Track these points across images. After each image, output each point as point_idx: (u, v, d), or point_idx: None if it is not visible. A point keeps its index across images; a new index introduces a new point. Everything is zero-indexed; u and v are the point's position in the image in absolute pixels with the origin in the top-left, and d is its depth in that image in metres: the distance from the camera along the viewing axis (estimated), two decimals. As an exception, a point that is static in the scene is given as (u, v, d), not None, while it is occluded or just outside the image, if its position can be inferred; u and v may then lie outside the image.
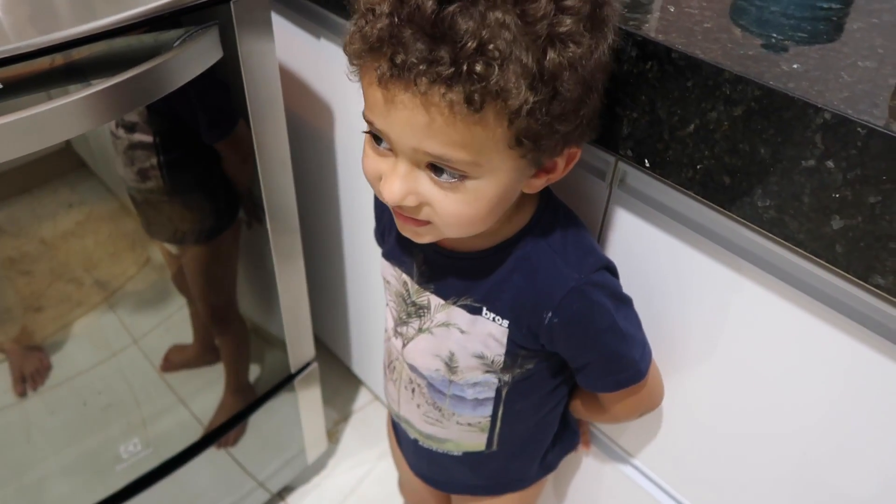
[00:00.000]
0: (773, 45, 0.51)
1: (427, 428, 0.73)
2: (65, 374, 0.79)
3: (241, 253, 0.93)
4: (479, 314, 0.61)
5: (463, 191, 0.50)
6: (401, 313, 0.68)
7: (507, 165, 0.49)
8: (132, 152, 0.74)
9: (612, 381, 0.63)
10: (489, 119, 0.45)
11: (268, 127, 0.81)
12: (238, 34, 0.71)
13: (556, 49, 0.44)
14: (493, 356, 0.63)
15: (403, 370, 0.71)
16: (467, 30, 0.42)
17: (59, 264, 0.74)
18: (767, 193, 0.48)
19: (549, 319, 0.58)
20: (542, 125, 0.46)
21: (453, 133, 0.46)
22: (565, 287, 0.57)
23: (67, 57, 0.61)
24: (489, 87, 0.43)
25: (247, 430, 1.05)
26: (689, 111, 0.50)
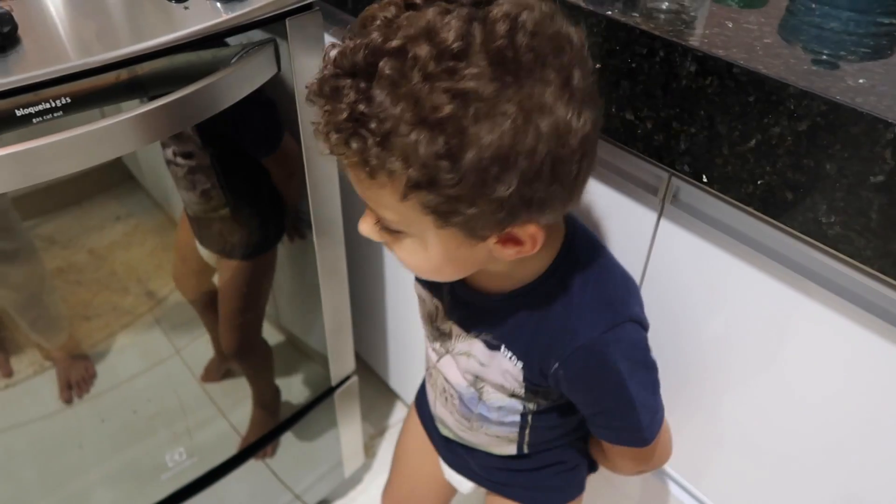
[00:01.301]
0: (836, 61, 0.50)
1: (460, 433, 0.74)
2: (113, 381, 0.81)
3: (285, 267, 0.94)
4: (497, 350, 0.62)
5: (405, 244, 0.51)
6: (429, 334, 0.70)
7: (434, 231, 0.48)
8: (192, 177, 0.76)
9: (614, 435, 0.63)
10: (386, 186, 0.45)
11: (317, 141, 0.82)
12: (292, 50, 0.73)
13: (425, 137, 0.42)
14: (513, 388, 0.64)
15: (439, 378, 0.72)
16: (346, 103, 0.43)
17: (106, 275, 0.75)
18: (833, 209, 0.47)
19: (556, 370, 0.58)
20: (439, 204, 0.45)
21: (368, 192, 0.48)
22: (573, 344, 0.56)
23: (131, 72, 0.62)
24: (370, 159, 0.43)
25: (285, 443, 1.06)
26: (750, 126, 0.50)
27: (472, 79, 0.41)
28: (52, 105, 0.58)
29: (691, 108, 0.53)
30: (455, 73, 0.41)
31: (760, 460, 0.67)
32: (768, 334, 0.60)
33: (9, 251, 0.68)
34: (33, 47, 0.58)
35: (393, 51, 0.42)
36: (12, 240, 0.67)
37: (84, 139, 0.58)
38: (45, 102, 0.58)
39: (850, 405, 0.57)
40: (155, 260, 0.79)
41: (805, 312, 0.56)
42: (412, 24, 0.43)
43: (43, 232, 0.68)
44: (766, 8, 0.60)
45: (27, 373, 0.73)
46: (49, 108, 0.58)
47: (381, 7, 0.45)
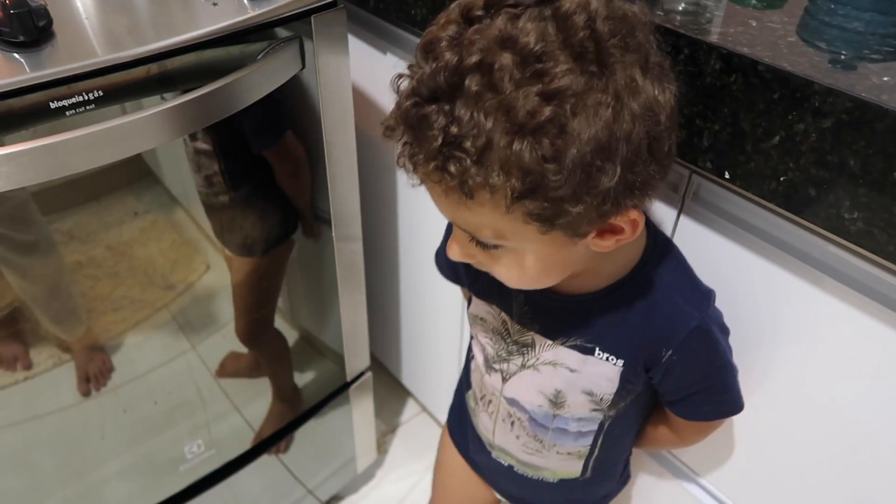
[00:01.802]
0: (860, 61, 0.51)
1: (526, 458, 0.72)
2: (134, 372, 0.82)
3: (301, 264, 0.95)
4: (591, 354, 0.61)
5: (506, 257, 0.51)
6: (500, 350, 0.67)
7: (536, 238, 0.48)
8: (197, 159, 0.77)
9: (710, 410, 0.63)
10: (486, 203, 0.45)
11: (339, 138, 0.83)
12: (316, 48, 0.74)
13: (528, 143, 0.42)
14: (603, 394, 0.63)
15: (501, 404, 0.70)
16: (437, 128, 0.43)
17: (124, 270, 0.76)
18: (856, 205, 0.48)
19: (668, 357, 0.57)
20: (545, 209, 0.44)
21: (466, 215, 0.47)
22: (688, 326, 0.57)
23: (161, 67, 0.64)
24: (469, 179, 0.43)
25: (299, 438, 1.07)
26: (774, 123, 0.50)
27: (562, 77, 0.42)
28: (84, 98, 0.60)
29: (715, 105, 0.54)
30: (544, 75, 0.42)
31: (779, 460, 0.68)
32: (790, 331, 0.61)
33: (27, 243, 0.68)
34: (66, 42, 0.59)
35: (474, 66, 0.42)
36: (30, 232, 0.68)
37: (114, 132, 0.59)
38: (77, 96, 0.59)
39: (872, 404, 0.57)
40: (172, 255, 0.80)
41: (827, 310, 0.57)
42: (485, 37, 0.43)
43: (62, 227, 0.70)
44: (786, 8, 0.60)
45: (47, 365, 0.74)
46: (82, 101, 0.59)
47: (441, 28, 0.45)
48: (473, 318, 0.70)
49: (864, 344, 0.56)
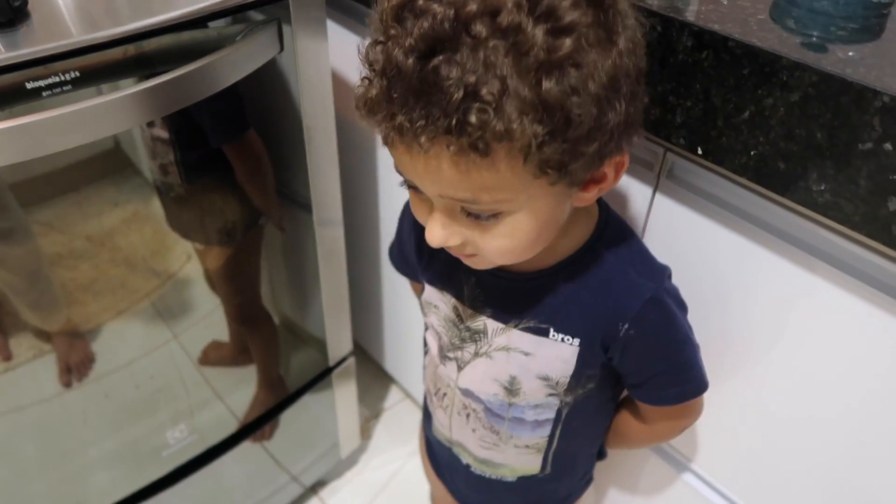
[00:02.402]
0: (827, 36, 0.52)
1: (482, 453, 0.71)
2: (115, 364, 0.81)
3: (283, 248, 0.95)
4: (545, 336, 0.60)
5: (501, 226, 0.49)
6: (453, 338, 0.66)
7: (540, 194, 0.47)
8: (153, 145, 0.76)
9: (676, 392, 0.62)
10: (501, 160, 0.43)
11: (318, 121, 0.83)
12: (294, 30, 0.74)
13: (554, 78, 0.41)
14: (559, 378, 0.62)
15: (455, 396, 0.69)
16: (453, 79, 0.41)
17: (105, 261, 0.76)
18: (823, 177, 0.49)
19: (625, 331, 0.57)
20: (563, 153, 0.44)
21: (470, 179, 0.45)
22: (641, 297, 0.56)
23: (139, 48, 0.63)
24: (489, 130, 0.41)
25: (282, 424, 1.07)
26: (744, 98, 0.51)
27: (569, 11, 0.41)
28: (61, 79, 0.59)
29: (688, 81, 0.55)
30: (553, 11, 0.41)
31: (758, 433, 0.69)
32: (766, 307, 0.62)
33: (4, 230, 0.68)
34: (42, 22, 0.59)
35: (477, 12, 0.41)
36: (7, 219, 0.67)
37: (91, 113, 0.59)
38: (54, 76, 0.59)
39: (849, 377, 0.59)
40: (153, 246, 0.80)
41: (801, 284, 0.58)
42: None
43: (41, 218, 0.69)
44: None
45: (27, 356, 0.74)
46: (58, 81, 0.59)
47: None
48: (427, 305, 0.69)
49: (840, 317, 0.57)
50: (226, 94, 0.69)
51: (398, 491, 1.24)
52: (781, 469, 0.68)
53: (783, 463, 0.68)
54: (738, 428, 0.71)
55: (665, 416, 0.66)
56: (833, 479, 0.64)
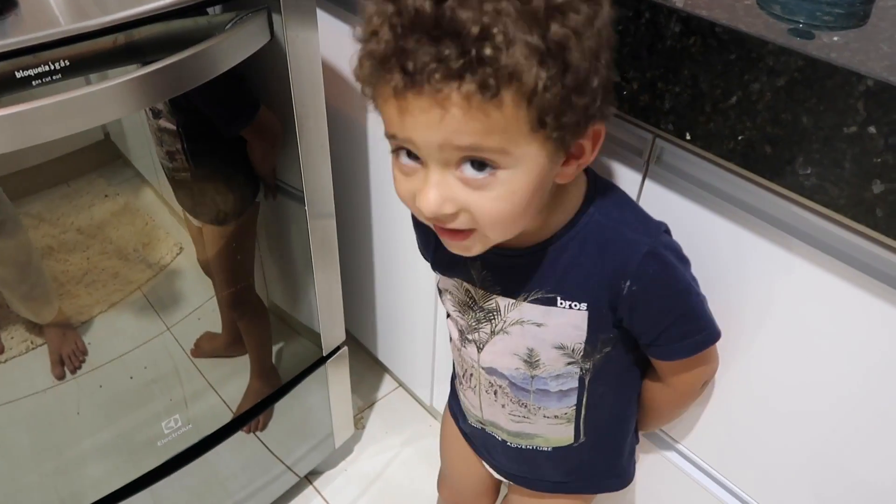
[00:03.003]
0: (813, 21, 0.53)
1: (514, 426, 0.73)
2: (107, 357, 0.82)
3: (276, 239, 0.95)
4: (553, 305, 0.62)
5: (497, 185, 0.50)
6: (469, 321, 0.68)
7: (536, 151, 0.49)
8: (160, 134, 0.76)
9: (691, 343, 0.62)
10: (508, 103, 0.46)
11: (309, 111, 0.83)
12: (285, 19, 0.74)
13: (557, 21, 0.45)
14: (574, 344, 0.63)
15: (481, 376, 0.71)
16: (468, 19, 0.43)
17: (96, 253, 0.76)
18: (809, 161, 0.50)
19: (628, 288, 0.58)
20: (561, 100, 0.47)
21: (476, 123, 0.46)
22: (639, 252, 0.58)
23: (128, 37, 0.63)
24: (501, 70, 0.44)
25: (276, 415, 1.07)
26: (731, 83, 0.52)
27: None
28: (50, 68, 0.59)
29: (676, 67, 0.55)
30: None
31: (745, 414, 0.70)
32: (755, 289, 0.63)
33: (-7, 222, 0.68)
34: (30, 11, 0.59)
35: None
36: (-3, 211, 0.68)
37: (80, 101, 0.59)
38: (43, 65, 0.59)
39: (839, 359, 0.59)
40: (145, 238, 0.80)
41: (788, 266, 0.59)
42: None
43: (32, 210, 0.69)
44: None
45: (19, 349, 0.74)
46: (48, 70, 0.59)
47: None
48: (442, 292, 0.71)
49: (830, 300, 0.58)
50: (229, 82, 0.69)
51: (393, 480, 1.25)
52: (769, 448, 0.69)
53: (771, 443, 0.69)
54: (732, 411, 0.71)
55: (683, 370, 0.66)
56: (819, 458, 0.65)
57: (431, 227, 0.63)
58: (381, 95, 0.49)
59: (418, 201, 0.52)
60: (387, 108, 0.50)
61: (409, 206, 0.55)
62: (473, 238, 0.54)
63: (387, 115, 0.50)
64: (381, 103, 0.50)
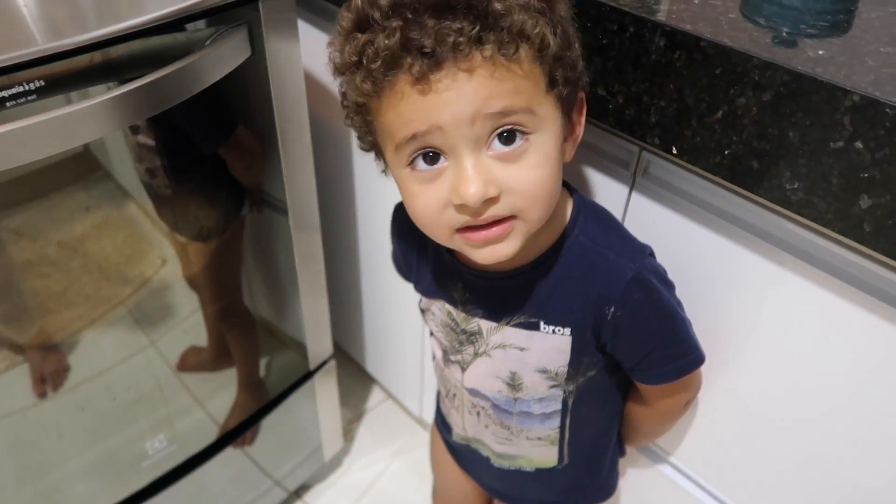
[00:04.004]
0: (797, 34, 0.53)
1: (498, 447, 0.72)
2: (90, 370, 0.80)
3: (261, 252, 0.94)
4: (536, 329, 0.61)
5: (532, 151, 0.50)
6: (452, 342, 0.68)
7: (553, 112, 0.51)
8: (139, 151, 0.75)
9: (675, 367, 0.62)
10: (525, 60, 0.48)
11: (292, 125, 0.82)
12: (265, 33, 0.73)
13: None
14: (557, 368, 0.63)
15: (464, 396, 0.70)
16: None
17: (77, 267, 0.75)
18: (796, 175, 0.50)
19: (612, 314, 0.58)
20: (561, 57, 0.50)
21: (505, 83, 0.47)
22: (624, 278, 0.57)
23: (105, 55, 0.62)
24: (512, 27, 0.46)
25: (264, 429, 1.06)
26: (717, 98, 0.52)
27: None
28: (25, 88, 0.58)
29: (661, 81, 0.55)
30: None
31: (734, 427, 0.70)
32: (743, 302, 0.63)
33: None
34: (3, 30, 0.57)
35: None
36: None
37: (58, 122, 0.58)
38: (18, 86, 0.58)
39: (825, 371, 0.59)
40: (127, 250, 0.79)
41: (776, 279, 0.59)
42: None
43: (10, 225, 0.67)
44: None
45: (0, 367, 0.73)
46: (22, 91, 0.58)
47: None
48: (425, 312, 0.71)
49: (819, 312, 0.58)
50: (205, 99, 0.68)
51: (383, 492, 1.24)
52: (760, 460, 0.69)
53: (762, 454, 0.68)
54: (722, 423, 0.71)
55: (666, 394, 0.66)
56: (811, 468, 0.65)
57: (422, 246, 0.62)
58: (394, 96, 0.48)
59: (461, 191, 0.49)
60: (401, 108, 0.48)
61: (434, 223, 0.53)
62: (513, 229, 0.52)
63: (402, 115, 0.49)
64: (392, 105, 0.49)
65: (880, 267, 0.52)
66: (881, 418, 0.57)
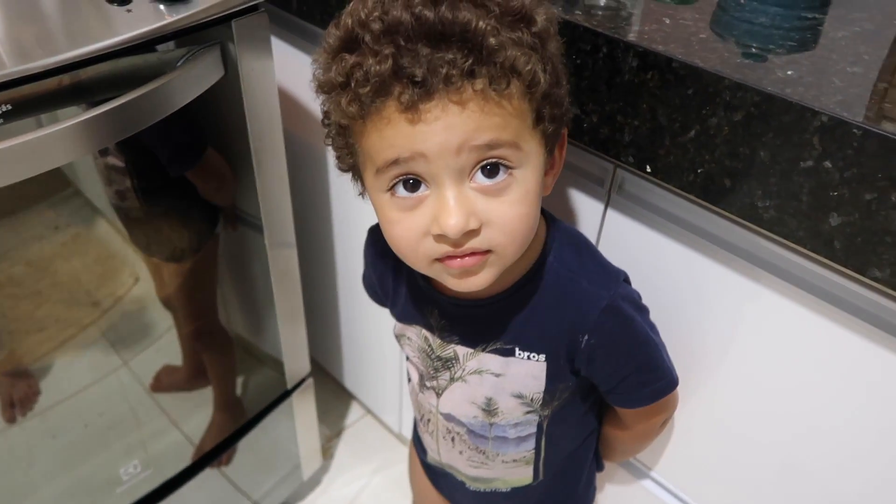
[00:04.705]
0: (766, 54, 0.54)
1: (473, 472, 0.72)
2: (61, 395, 0.79)
3: (235, 272, 0.93)
4: (511, 356, 0.61)
5: (514, 187, 0.50)
6: (428, 368, 0.67)
7: (537, 148, 0.51)
8: (108, 173, 0.74)
9: (649, 392, 0.62)
10: (515, 95, 0.47)
11: (267, 144, 0.81)
12: (238, 53, 0.72)
13: (535, 16, 0.48)
14: (532, 394, 0.63)
15: (439, 421, 0.70)
16: (469, 20, 0.45)
17: (47, 287, 0.73)
18: (767, 194, 0.50)
19: (586, 342, 0.58)
20: (550, 94, 0.49)
21: (493, 118, 0.47)
22: (597, 307, 0.57)
23: (74, 78, 0.61)
24: (504, 62, 0.46)
25: (242, 450, 1.05)
26: (689, 118, 0.52)
27: None
28: (-9, 112, 0.57)
29: (634, 101, 0.55)
30: None
31: (713, 441, 0.70)
32: (717, 318, 0.63)
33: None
34: (-31, 53, 0.56)
35: None
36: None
37: (26, 148, 0.57)
38: (-16, 110, 0.57)
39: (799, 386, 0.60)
40: (98, 269, 0.78)
41: (750, 295, 0.60)
42: None
43: (-24, 244, 0.67)
44: (699, 4, 0.63)
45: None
46: (-11, 115, 0.57)
47: None
48: (400, 338, 0.70)
49: (791, 328, 0.58)
50: (174, 122, 0.67)
51: (363, 509, 1.23)
52: (738, 472, 0.69)
53: (740, 466, 0.69)
54: (699, 438, 0.72)
55: (642, 418, 0.67)
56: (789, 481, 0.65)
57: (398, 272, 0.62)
58: (380, 121, 0.48)
59: (442, 222, 0.48)
60: (386, 133, 0.48)
61: (411, 251, 0.52)
62: (488, 262, 0.52)
63: (385, 139, 0.48)
64: (377, 129, 0.48)
65: (851, 283, 0.52)
66: (856, 430, 0.58)
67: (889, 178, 0.44)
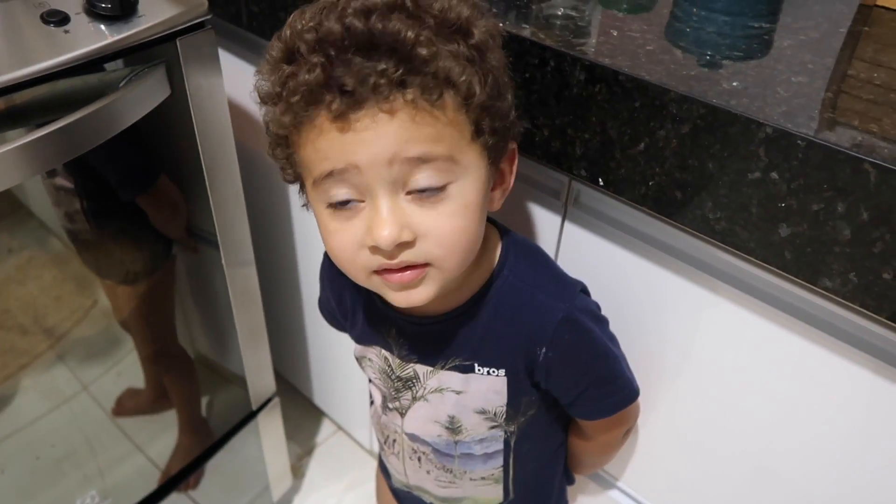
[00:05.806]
0: (712, 64, 0.53)
1: (441, 492, 0.71)
2: (12, 427, 0.76)
3: (194, 290, 0.91)
4: (471, 372, 0.60)
5: (450, 200, 0.49)
6: (389, 389, 0.67)
7: (477, 161, 0.50)
8: (57, 194, 0.72)
9: (610, 403, 0.62)
10: (450, 107, 0.47)
11: (219, 162, 0.80)
12: (185, 71, 0.71)
13: (472, 29, 0.48)
14: (495, 409, 0.62)
15: (404, 442, 0.69)
16: (399, 30, 0.45)
17: (1, 312, 0.71)
18: (718, 206, 0.50)
19: (544, 355, 0.57)
20: (490, 107, 0.49)
21: (425, 129, 0.46)
22: (554, 319, 0.57)
23: (9, 101, 0.59)
24: (438, 73, 0.45)
25: (209, 472, 1.02)
26: (638, 130, 0.52)
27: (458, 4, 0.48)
28: (-80, 140, 0.55)
29: (584, 114, 0.55)
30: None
31: (675, 449, 0.70)
32: (675, 328, 0.63)
33: None
34: None
35: None
36: None
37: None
38: (-88, 138, 0.54)
39: (757, 394, 0.60)
40: (53, 293, 0.75)
41: (705, 304, 0.59)
42: None
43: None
44: (650, 14, 0.63)
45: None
46: (-83, 143, 0.54)
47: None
48: (361, 359, 0.69)
49: (747, 336, 0.58)
50: (121, 143, 0.65)
51: (335, 528, 1.21)
52: (702, 479, 0.69)
53: (703, 473, 0.69)
54: (661, 448, 0.71)
55: (604, 429, 0.67)
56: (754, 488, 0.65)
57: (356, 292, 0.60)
58: (312, 131, 0.47)
59: (375, 234, 0.48)
60: (319, 143, 0.47)
61: (351, 264, 0.52)
62: (428, 276, 0.51)
63: (319, 150, 0.48)
64: (311, 140, 0.48)
65: (804, 291, 0.52)
66: (816, 435, 0.58)
67: (835, 189, 0.44)
